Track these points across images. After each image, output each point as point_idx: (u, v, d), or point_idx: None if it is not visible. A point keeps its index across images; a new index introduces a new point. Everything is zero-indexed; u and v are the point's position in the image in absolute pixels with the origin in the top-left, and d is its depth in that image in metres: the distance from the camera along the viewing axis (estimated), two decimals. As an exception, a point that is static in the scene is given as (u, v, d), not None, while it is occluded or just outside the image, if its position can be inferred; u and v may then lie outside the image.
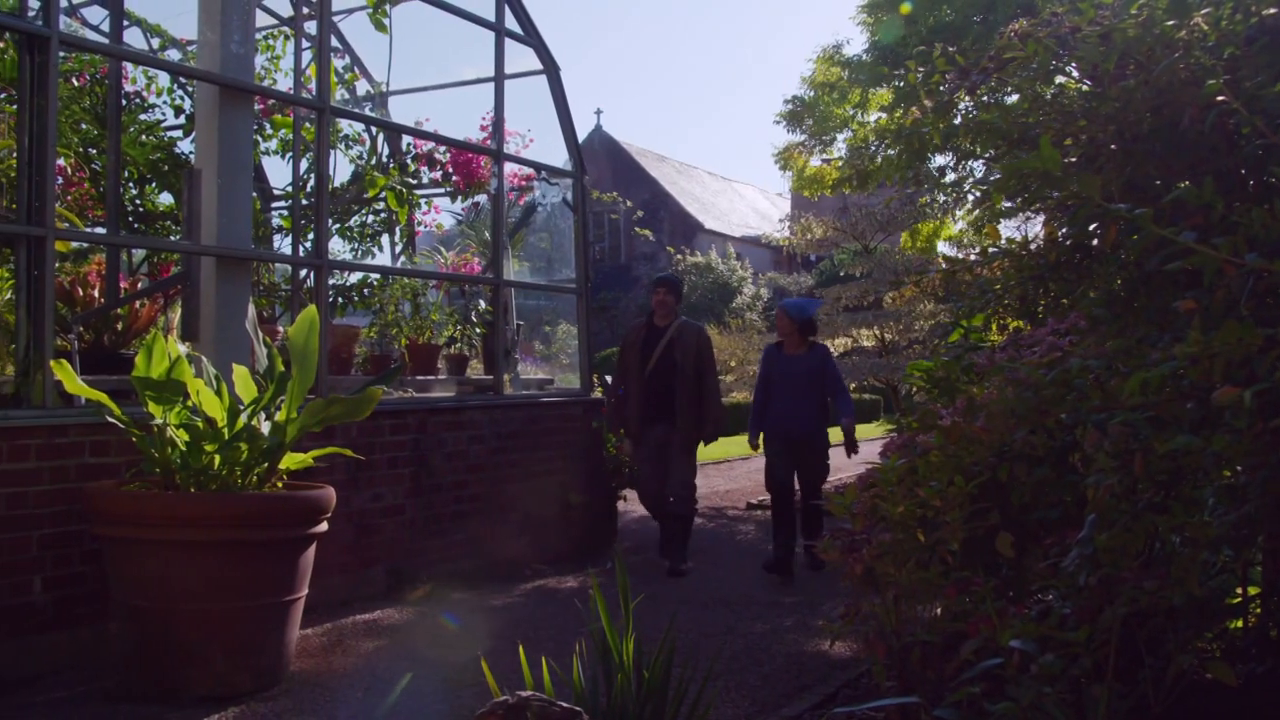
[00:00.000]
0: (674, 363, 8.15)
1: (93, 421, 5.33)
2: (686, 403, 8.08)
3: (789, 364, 8.20)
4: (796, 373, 8.14)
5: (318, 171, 7.01)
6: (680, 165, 48.02)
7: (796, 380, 8.13)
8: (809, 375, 8.13)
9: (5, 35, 6.86)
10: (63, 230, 6.09)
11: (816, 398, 8.20)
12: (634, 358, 8.34)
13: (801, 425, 8.08)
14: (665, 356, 8.18)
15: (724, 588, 7.41)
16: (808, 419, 8.11)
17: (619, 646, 3.38)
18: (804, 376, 8.12)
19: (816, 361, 8.21)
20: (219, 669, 4.81)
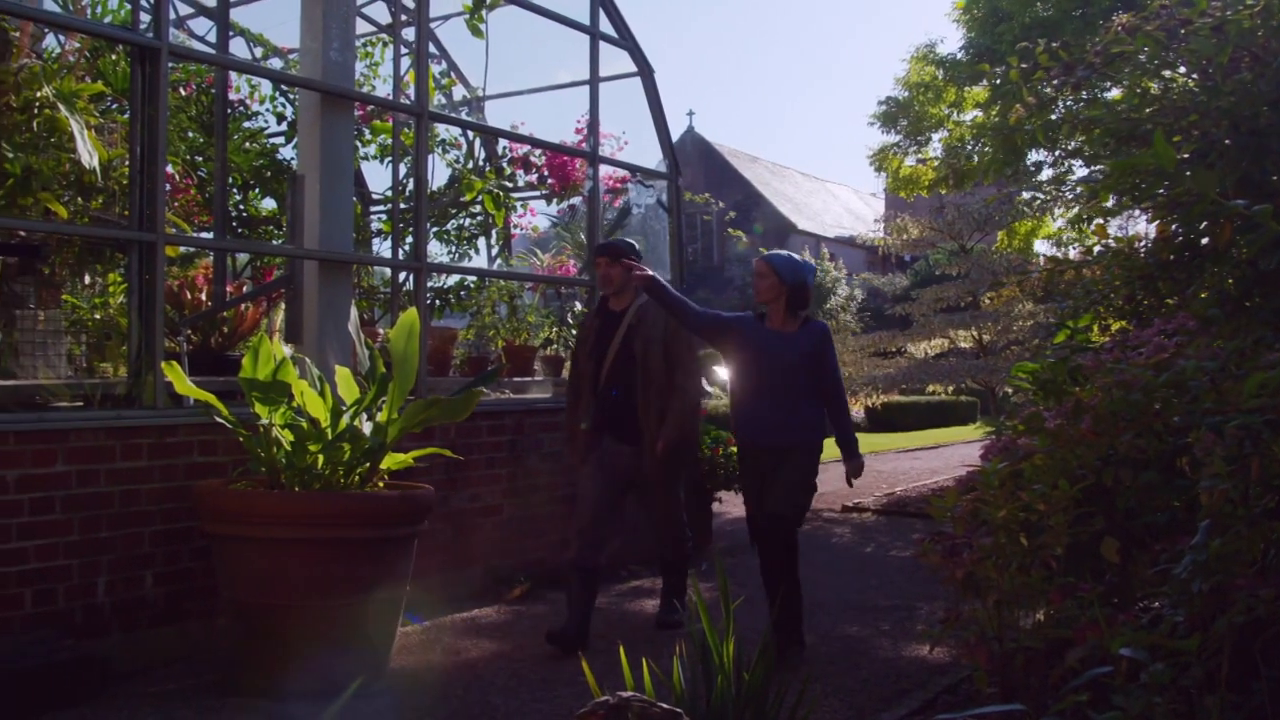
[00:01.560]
0: (633, 357, 6.10)
1: (201, 421, 5.47)
2: (656, 412, 6.03)
3: (773, 344, 5.82)
4: (784, 358, 5.79)
5: (416, 175, 7.10)
6: (773, 166, 47.81)
7: (783, 368, 5.78)
8: (803, 363, 5.81)
9: (118, 48, 7.06)
10: (172, 235, 6.24)
11: (809, 396, 5.85)
12: (584, 358, 6.37)
13: (787, 434, 5.77)
14: (623, 351, 6.14)
15: (819, 591, 7.35)
16: (797, 425, 5.79)
17: (719, 648, 3.38)
18: (794, 364, 5.79)
19: (813, 344, 5.84)
20: (323, 664, 4.89)
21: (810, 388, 5.83)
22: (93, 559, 5.20)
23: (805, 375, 5.80)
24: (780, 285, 5.84)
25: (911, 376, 13.62)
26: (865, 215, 47.58)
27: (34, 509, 5.00)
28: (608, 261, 6.24)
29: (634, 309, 6.21)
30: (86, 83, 6.74)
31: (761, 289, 5.90)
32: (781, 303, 5.85)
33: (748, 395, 5.86)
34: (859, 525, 10.52)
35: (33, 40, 6.71)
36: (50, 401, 5.81)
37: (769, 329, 5.88)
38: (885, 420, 23.63)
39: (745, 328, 5.94)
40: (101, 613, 5.23)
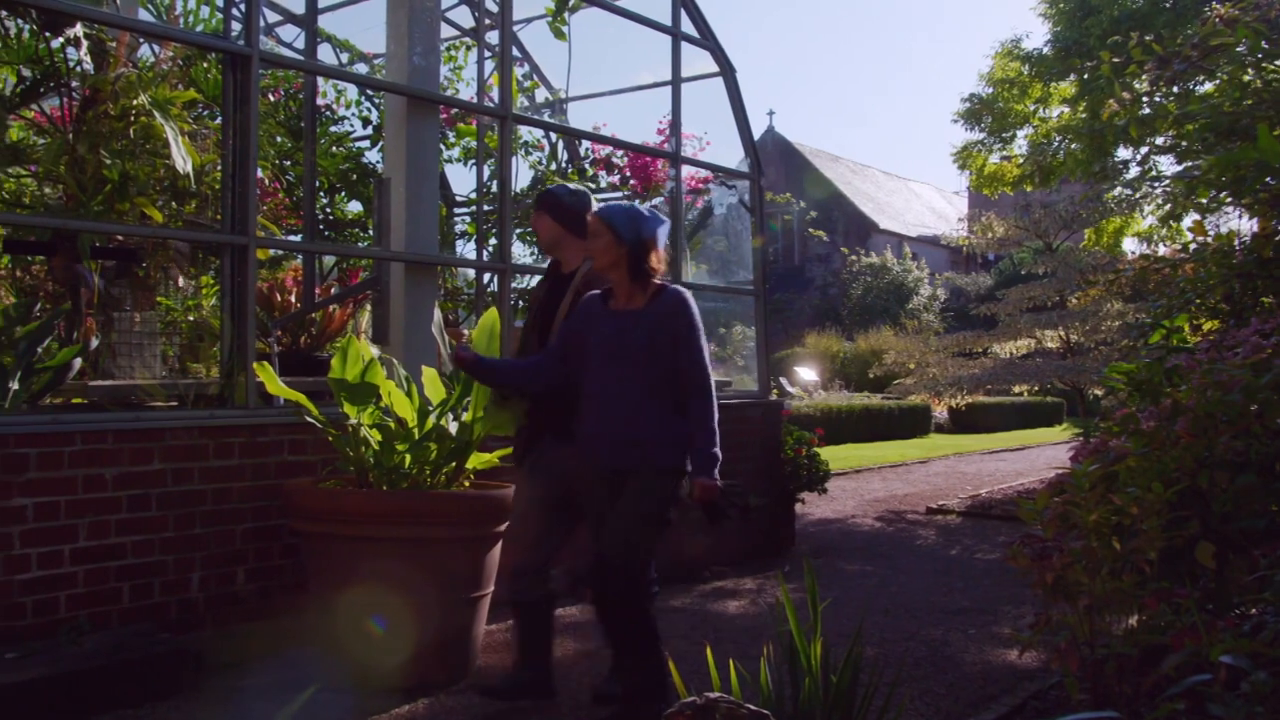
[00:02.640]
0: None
1: (291, 421, 5.57)
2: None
3: (610, 328, 4.43)
4: (623, 345, 4.38)
5: (500, 177, 7.16)
6: (854, 165, 47.51)
7: (621, 359, 4.38)
8: (647, 351, 4.35)
9: (210, 56, 7.21)
10: (263, 239, 6.36)
11: (660, 397, 4.39)
12: (529, 332, 5.10)
13: (626, 451, 4.38)
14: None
15: (904, 593, 7.28)
16: (640, 439, 4.37)
17: (806, 650, 3.36)
18: (635, 353, 4.35)
19: (661, 323, 4.37)
20: (410, 661, 4.95)
21: (662, 384, 4.37)
22: (187, 555, 5.32)
23: (652, 368, 4.35)
24: (617, 246, 4.37)
25: (997, 377, 13.43)
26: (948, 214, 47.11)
27: (131, 506, 5.13)
28: (541, 212, 5.03)
29: (583, 272, 4.84)
30: (180, 90, 6.89)
31: (596, 253, 4.45)
32: (623, 270, 4.39)
33: (587, 400, 4.48)
34: (943, 527, 10.41)
35: (129, 50, 6.89)
36: (146, 401, 5.96)
37: (609, 309, 4.48)
38: (969, 421, 23.37)
39: (583, 312, 4.57)
40: (195, 608, 5.34)
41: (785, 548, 8.93)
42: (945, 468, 16.14)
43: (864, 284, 37.19)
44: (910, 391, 14.83)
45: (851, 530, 10.20)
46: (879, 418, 21.34)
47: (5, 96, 6.66)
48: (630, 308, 4.42)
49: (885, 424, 21.41)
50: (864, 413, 20.91)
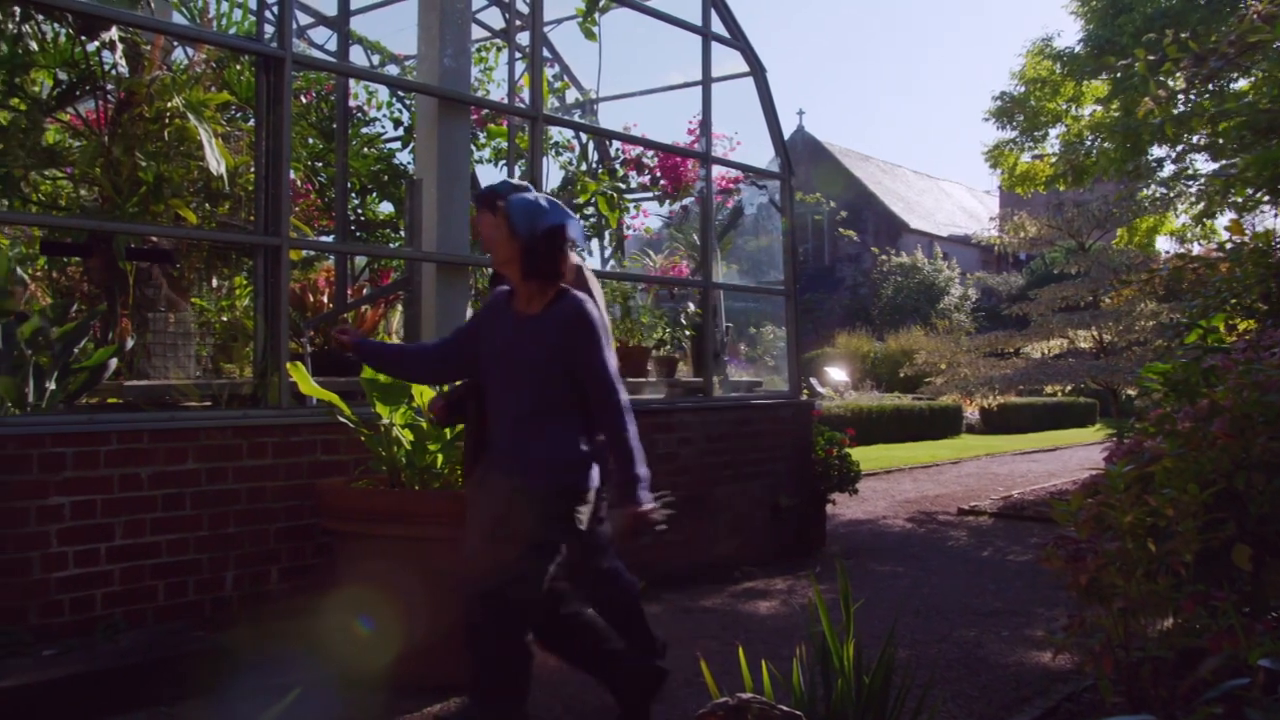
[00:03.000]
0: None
1: (324, 421, 5.60)
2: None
3: (506, 335, 4.03)
4: (517, 355, 3.99)
5: (531, 178, 7.17)
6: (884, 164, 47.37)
7: (515, 370, 3.99)
8: (542, 363, 3.95)
9: (242, 58, 7.26)
10: (296, 239, 6.40)
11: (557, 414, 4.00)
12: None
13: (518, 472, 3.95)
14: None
15: (936, 595, 7.25)
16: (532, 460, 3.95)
17: (839, 651, 3.35)
18: (530, 365, 3.96)
19: (559, 333, 3.96)
20: (442, 661, 4.96)
21: (559, 400, 3.97)
22: (221, 554, 5.36)
23: (545, 383, 3.95)
24: (511, 240, 3.94)
25: (1029, 377, 13.34)
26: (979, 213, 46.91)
27: (166, 505, 5.17)
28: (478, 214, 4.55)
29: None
30: (213, 92, 6.94)
31: (494, 246, 4.06)
32: (516, 268, 3.97)
33: (489, 416, 4.09)
34: (975, 528, 10.35)
35: (163, 53, 6.94)
36: (180, 401, 6.01)
37: (511, 312, 4.06)
38: (1000, 421, 23.24)
39: (485, 310, 4.21)
40: (229, 606, 5.38)
41: (816, 548, 8.92)
42: (977, 468, 16.06)
43: (894, 284, 37.07)
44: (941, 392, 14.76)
45: (883, 531, 10.17)
46: (910, 418, 21.26)
47: (42, 100, 6.72)
48: (528, 312, 4.01)
49: (916, 424, 21.32)
50: (895, 413, 20.83)
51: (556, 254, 3.95)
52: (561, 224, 3.95)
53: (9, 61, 6.30)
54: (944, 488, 13.68)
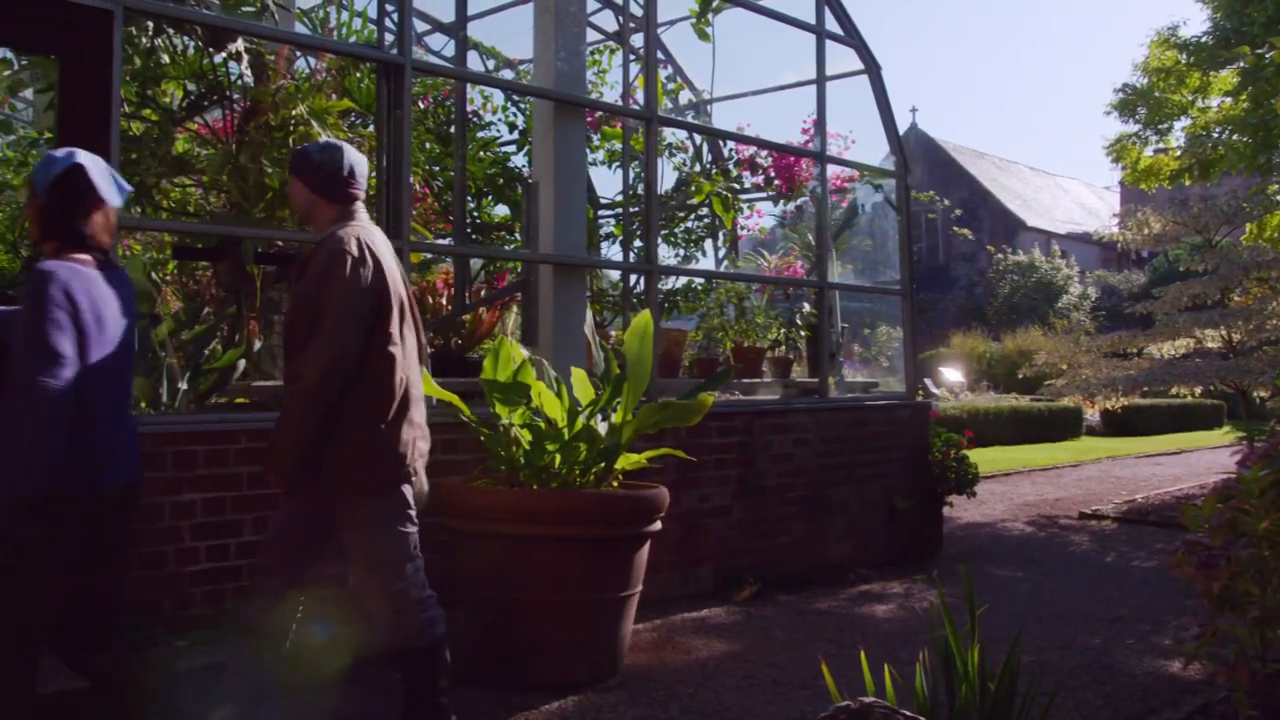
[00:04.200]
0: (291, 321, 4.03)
1: (443, 421, 5.67)
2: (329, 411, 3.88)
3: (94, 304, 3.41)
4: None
5: (647, 179, 7.20)
6: (1000, 161, 46.54)
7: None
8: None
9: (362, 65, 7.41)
10: (417, 243, 6.51)
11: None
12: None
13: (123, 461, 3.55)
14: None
15: (1057, 600, 7.10)
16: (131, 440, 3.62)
17: (963, 656, 3.30)
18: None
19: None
20: (558, 659, 5.01)
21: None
22: (343, 551, 5.46)
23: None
24: (32, 202, 3.52)
25: (1154, 378, 12.98)
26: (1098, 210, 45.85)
27: (292, 503, 5.29)
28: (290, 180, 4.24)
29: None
30: (334, 100, 7.09)
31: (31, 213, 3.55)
32: (36, 232, 3.55)
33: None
34: (1097, 533, 10.11)
35: (286, 63, 7.11)
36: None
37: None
38: (1122, 423, 22.64)
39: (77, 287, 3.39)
40: (352, 602, 5.49)
41: (932, 551, 8.79)
42: (1098, 471, 15.68)
43: (1011, 283, 36.40)
44: (1062, 393, 14.44)
45: (1001, 535, 9.98)
46: (1027, 420, 20.84)
47: (172, 110, 6.94)
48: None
49: (1034, 426, 20.89)
50: (1012, 414, 20.44)
51: (73, 208, 3.46)
52: (71, 165, 3.46)
53: (142, 74, 6.51)
54: (1064, 491, 13.39)
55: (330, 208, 4.08)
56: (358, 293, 3.83)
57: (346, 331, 3.80)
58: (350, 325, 3.81)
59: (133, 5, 5.17)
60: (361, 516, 4.00)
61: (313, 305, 3.85)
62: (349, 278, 3.81)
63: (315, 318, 3.83)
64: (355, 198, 4.12)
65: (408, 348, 4.06)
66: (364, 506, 3.98)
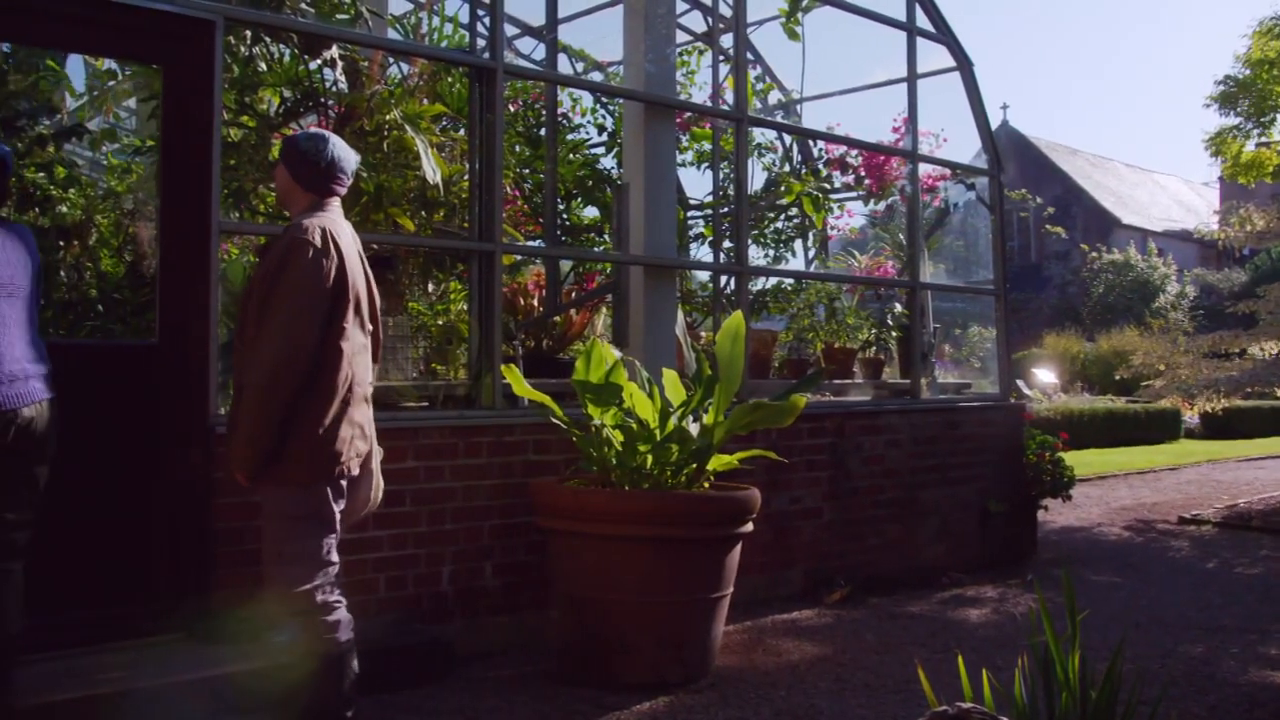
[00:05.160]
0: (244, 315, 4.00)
1: (536, 421, 5.74)
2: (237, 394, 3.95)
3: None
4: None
5: (737, 180, 7.19)
6: (1093, 158, 45.63)
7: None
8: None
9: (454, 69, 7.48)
10: (509, 245, 6.57)
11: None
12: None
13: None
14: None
15: (1157, 607, 6.94)
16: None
17: (1064, 662, 3.24)
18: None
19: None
20: (649, 659, 5.02)
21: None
22: (438, 549, 5.54)
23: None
24: None
25: (1258, 379, 12.61)
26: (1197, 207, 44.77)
27: (388, 501, 5.32)
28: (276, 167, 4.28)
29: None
30: (427, 104, 7.18)
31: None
32: None
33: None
34: (1197, 538, 9.87)
35: (380, 69, 7.21)
36: (399, 402, 6.23)
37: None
38: (1223, 426, 22.03)
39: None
40: (445, 600, 5.56)
41: (1026, 555, 8.66)
42: (1198, 475, 15.30)
43: (1105, 282, 35.64)
44: (1160, 395, 14.10)
45: (1097, 539, 9.79)
46: (1123, 422, 20.39)
47: (268, 116, 7.07)
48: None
49: (1130, 428, 20.43)
50: (1107, 416, 20.02)
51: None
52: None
53: (239, 82, 6.65)
54: (1162, 495, 13.08)
55: (305, 197, 4.08)
56: (317, 284, 3.80)
57: (302, 323, 3.78)
58: (306, 317, 3.79)
59: (233, 15, 5.30)
60: (273, 509, 3.93)
61: (265, 292, 3.81)
62: (308, 267, 3.79)
63: (266, 305, 3.80)
64: (332, 191, 4.11)
65: (357, 345, 4.01)
66: (278, 499, 3.91)
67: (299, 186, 4.09)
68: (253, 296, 3.88)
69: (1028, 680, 3.40)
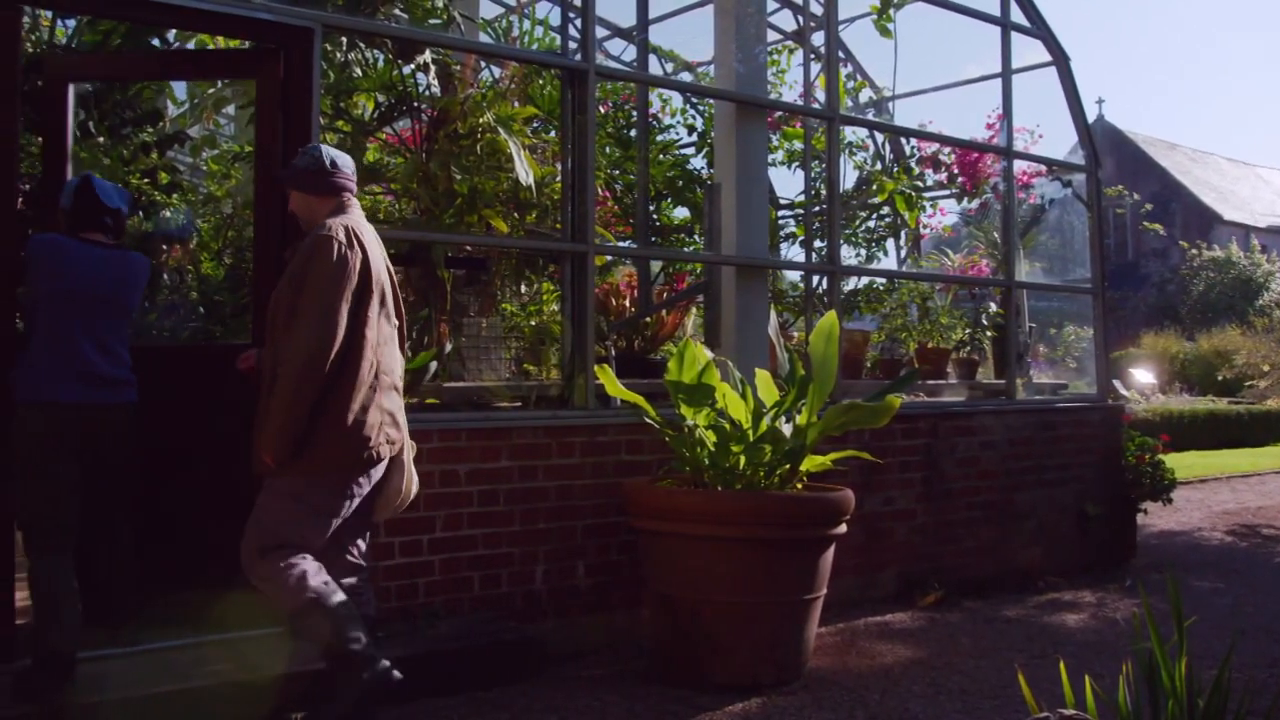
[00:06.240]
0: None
1: (628, 421, 5.75)
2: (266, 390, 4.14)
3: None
4: None
5: (829, 179, 7.14)
6: (1193, 152, 44.56)
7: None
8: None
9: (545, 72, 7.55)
10: (601, 246, 6.60)
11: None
12: None
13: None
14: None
15: (1263, 615, 6.75)
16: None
17: (1170, 669, 3.17)
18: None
19: None
20: (742, 660, 5.01)
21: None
22: (531, 548, 5.58)
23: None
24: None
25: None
26: (1303, 201, 43.45)
27: (482, 500, 5.43)
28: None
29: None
30: (518, 107, 7.25)
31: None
32: None
33: None
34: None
35: (472, 72, 7.30)
36: (492, 402, 6.30)
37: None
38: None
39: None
40: (538, 599, 5.60)
41: (1125, 560, 8.48)
42: (1305, 479, 14.88)
43: (1206, 280, 34.79)
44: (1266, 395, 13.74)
45: (1199, 544, 9.56)
46: (1226, 423, 19.88)
47: (363, 121, 7.19)
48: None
49: (1232, 430, 19.91)
50: (1208, 418, 19.53)
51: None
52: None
53: (335, 87, 6.77)
54: (1268, 499, 12.73)
55: (323, 203, 4.25)
56: (343, 276, 3.98)
57: (331, 314, 3.94)
58: (335, 308, 3.95)
59: (330, 22, 5.39)
60: (281, 486, 4.05)
61: (297, 288, 4.00)
62: (335, 262, 3.98)
63: (298, 298, 3.99)
64: (345, 188, 4.29)
65: (384, 335, 4.17)
66: (281, 475, 4.03)
67: (314, 197, 4.27)
68: (283, 293, 4.07)
69: (1131, 687, 3.33)
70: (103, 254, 4.46)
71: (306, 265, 4.01)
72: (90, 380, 4.35)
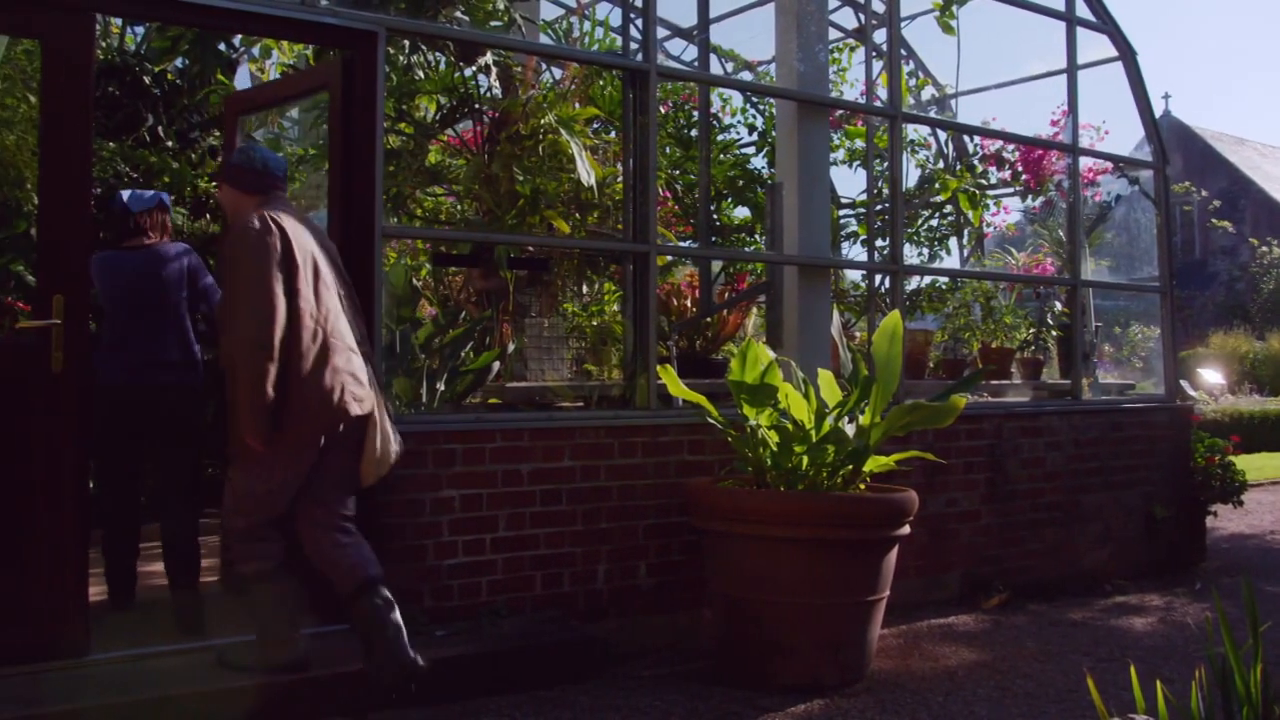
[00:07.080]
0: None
1: (690, 421, 5.76)
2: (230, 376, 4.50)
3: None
4: None
5: (892, 177, 7.09)
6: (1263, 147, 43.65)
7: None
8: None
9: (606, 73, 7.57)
10: (663, 246, 6.61)
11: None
12: None
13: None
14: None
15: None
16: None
17: (1244, 676, 3.11)
18: None
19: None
20: (805, 661, 5.00)
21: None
22: (594, 548, 5.60)
23: None
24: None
25: None
26: (1381, 197, 42.44)
27: (544, 500, 5.46)
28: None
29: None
30: (580, 108, 7.27)
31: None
32: None
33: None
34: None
35: (534, 74, 7.33)
36: (554, 402, 6.33)
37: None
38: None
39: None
40: (600, 598, 5.62)
41: (1194, 563, 8.34)
42: (1380, 481, 14.55)
43: (1276, 278, 34.10)
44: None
45: (1270, 547, 9.38)
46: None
47: (425, 123, 7.26)
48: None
49: (1306, 431, 19.51)
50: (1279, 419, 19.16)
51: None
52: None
53: (398, 90, 6.83)
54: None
55: (250, 199, 4.46)
56: (265, 255, 4.17)
57: (262, 290, 4.13)
58: (265, 284, 4.13)
59: (394, 25, 5.45)
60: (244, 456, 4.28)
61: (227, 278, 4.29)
62: (253, 245, 4.17)
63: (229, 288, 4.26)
64: (272, 187, 4.50)
65: (328, 304, 4.34)
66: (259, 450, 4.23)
67: (243, 193, 4.49)
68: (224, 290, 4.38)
69: (1204, 693, 3.28)
70: (138, 257, 5.24)
71: (232, 256, 4.24)
72: (134, 365, 5.13)
